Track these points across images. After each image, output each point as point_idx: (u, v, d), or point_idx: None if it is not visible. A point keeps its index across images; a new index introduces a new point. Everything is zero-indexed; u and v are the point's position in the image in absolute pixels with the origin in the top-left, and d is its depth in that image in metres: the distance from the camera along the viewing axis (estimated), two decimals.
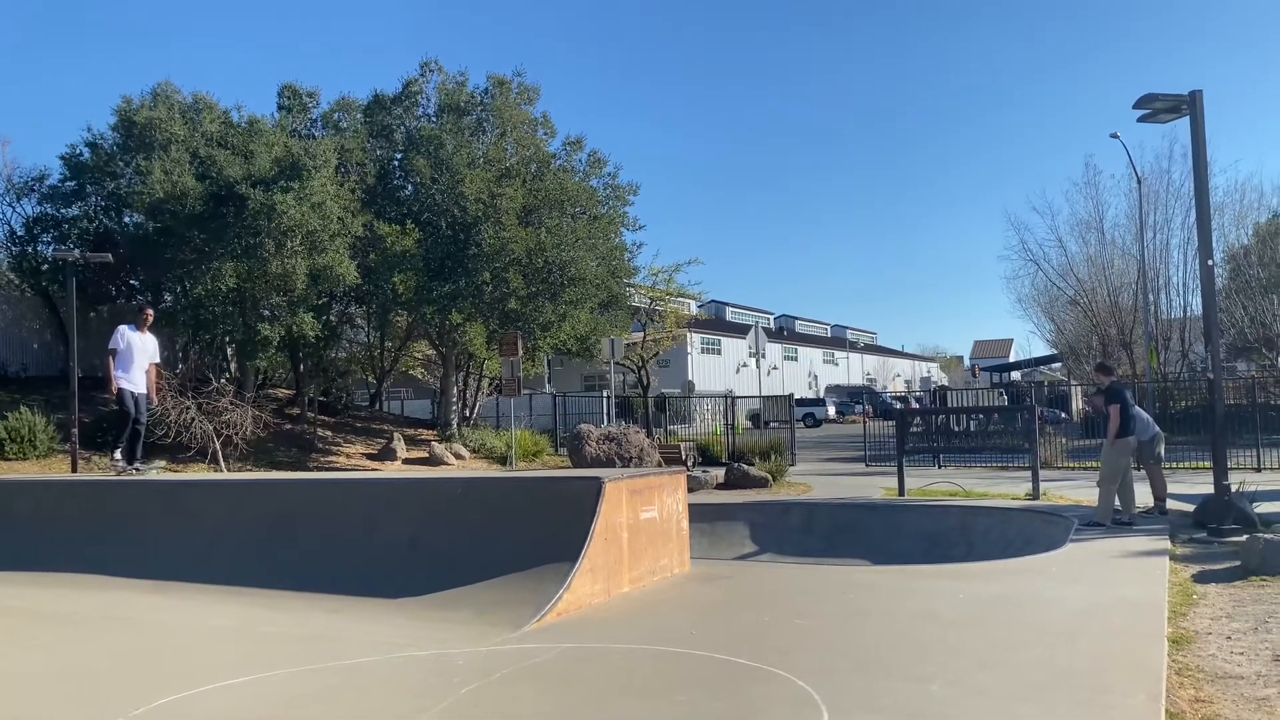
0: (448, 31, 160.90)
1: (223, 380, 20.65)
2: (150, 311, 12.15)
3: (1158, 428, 12.28)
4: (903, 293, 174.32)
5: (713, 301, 69.75)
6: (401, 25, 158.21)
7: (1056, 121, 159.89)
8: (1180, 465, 17.55)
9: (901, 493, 14.94)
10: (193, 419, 18.09)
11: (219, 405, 18.59)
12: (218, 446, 18.40)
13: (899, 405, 37.82)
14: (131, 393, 11.82)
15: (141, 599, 8.05)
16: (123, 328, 11.97)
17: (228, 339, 22.03)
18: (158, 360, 12.32)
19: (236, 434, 18.62)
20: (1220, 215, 35.04)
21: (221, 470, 18.24)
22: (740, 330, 57.17)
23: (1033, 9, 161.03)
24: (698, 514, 10.80)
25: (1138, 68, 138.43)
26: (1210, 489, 10.84)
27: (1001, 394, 34.63)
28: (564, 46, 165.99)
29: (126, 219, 22.70)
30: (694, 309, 48.50)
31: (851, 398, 61.29)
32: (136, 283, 23.56)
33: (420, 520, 8.46)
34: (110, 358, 11.82)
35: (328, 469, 20.68)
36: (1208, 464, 12.35)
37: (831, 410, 55.06)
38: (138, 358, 11.86)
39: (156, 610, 7.64)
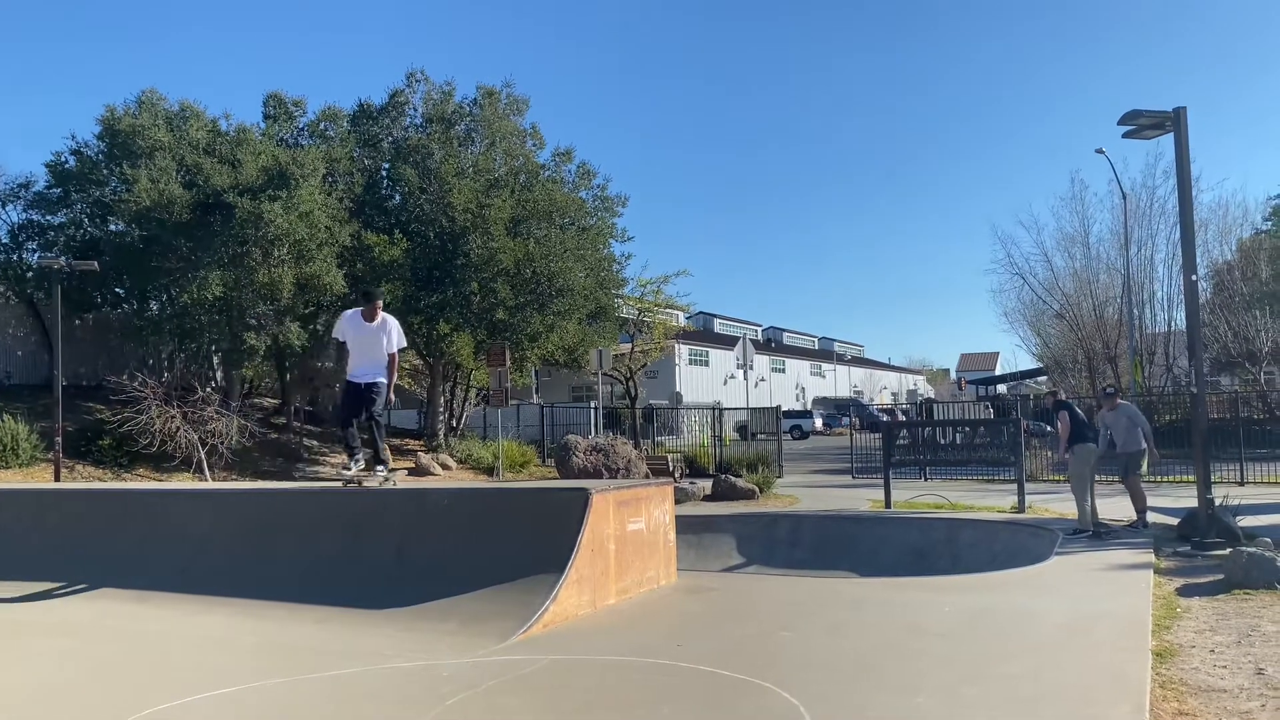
0: (434, 44, 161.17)
1: (208, 389, 20.56)
2: (378, 302, 9.61)
3: (1144, 444, 12.18)
4: (890, 306, 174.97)
5: (701, 313, 69.79)
6: (387, 35, 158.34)
7: (1043, 136, 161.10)
8: (1164, 479, 17.65)
9: (888, 505, 14.97)
10: (178, 428, 18.00)
11: (204, 414, 18.51)
12: (203, 456, 18.31)
13: (886, 418, 37.92)
14: (354, 384, 9.64)
15: (125, 609, 7.99)
16: (343, 316, 9.88)
17: (214, 348, 21.96)
18: (394, 349, 9.60)
19: (222, 443, 18.55)
20: (1204, 230, 35.28)
21: (206, 480, 18.15)
22: (728, 342, 57.20)
23: (1020, 20, 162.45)
24: (685, 525, 10.79)
25: (1126, 83, 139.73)
26: (1194, 502, 10.91)
27: (987, 407, 34.75)
28: (552, 57, 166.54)
29: (112, 226, 22.62)
30: (682, 320, 48.57)
31: (839, 410, 61.39)
32: (122, 290, 23.48)
33: (406, 531, 8.43)
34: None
35: (313, 479, 20.61)
36: (1192, 478, 12.41)
37: (819, 422, 55.08)
38: (362, 348, 9.55)
39: (141, 620, 7.59)
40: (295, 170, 20.28)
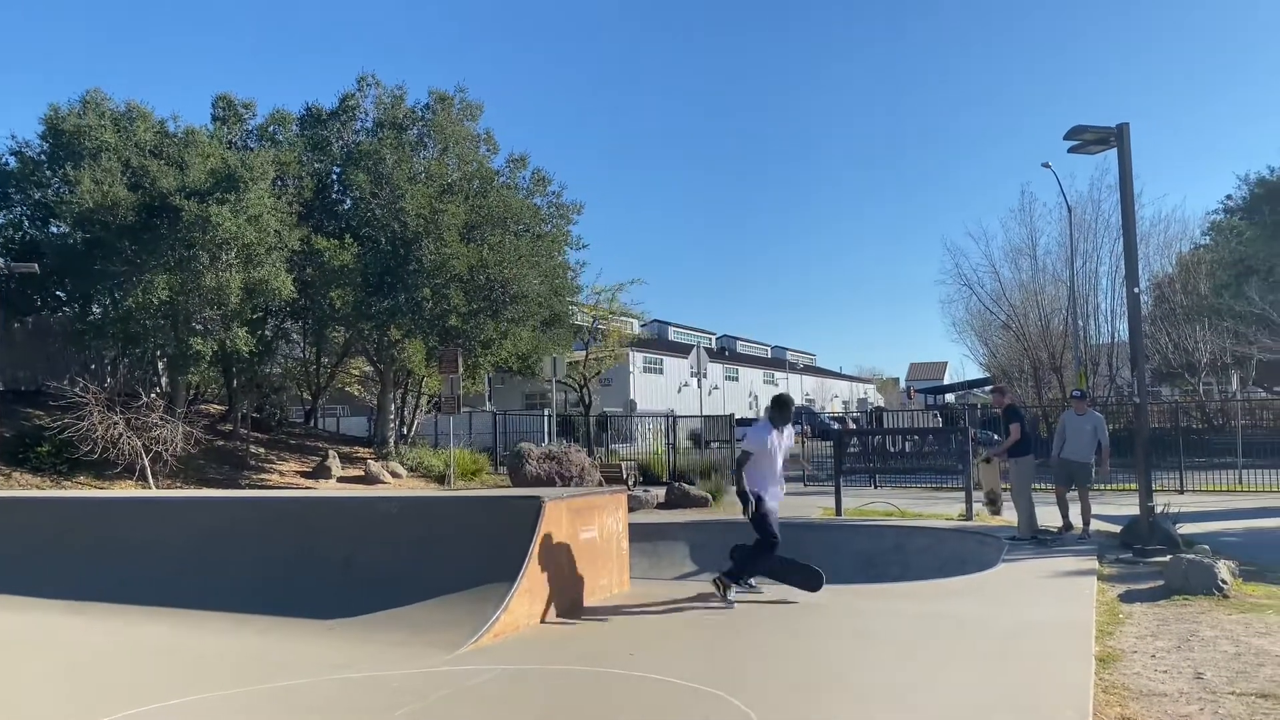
0: (388, 55, 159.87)
1: (153, 395, 20.13)
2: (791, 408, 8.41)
3: (1092, 457, 12.25)
4: (841, 315, 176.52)
5: (655, 321, 69.95)
6: (340, 40, 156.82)
7: (994, 150, 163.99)
8: (1108, 487, 17.98)
9: (839, 512, 15.09)
10: (120, 434, 17.62)
11: (148, 421, 18.14)
12: (146, 463, 17.93)
13: (837, 426, 38.25)
14: (775, 512, 8.40)
15: (63, 620, 7.79)
16: (767, 426, 8.46)
17: (159, 353, 21.52)
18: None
19: (166, 450, 18.18)
20: (1146, 244, 36.18)
21: (150, 487, 17.78)
22: (682, 350, 57.33)
23: (973, 35, 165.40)
24: (638, 533, 10.78)
25: (1077, 98, 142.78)
26: (1136, 510, 11.13)
27: (936, 415, 35.22)
28: (508, 67, 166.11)
29: (54, 228, 22.11)
30: (636, 328, 48.55)
31: (791, 418, 61.71)
32: (63, 294, 22.94)
33: (355, 540, 8.32)
34: (743, 464, 8.40)
35: (260, 487, 20.27)
36: (1134, 486, 12.65)
37: None
38: (778, 460, 8.45)
39: (79, 632, 7.41)
40: (244, 173, 19.96)
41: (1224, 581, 8.13)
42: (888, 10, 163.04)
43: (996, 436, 12.81)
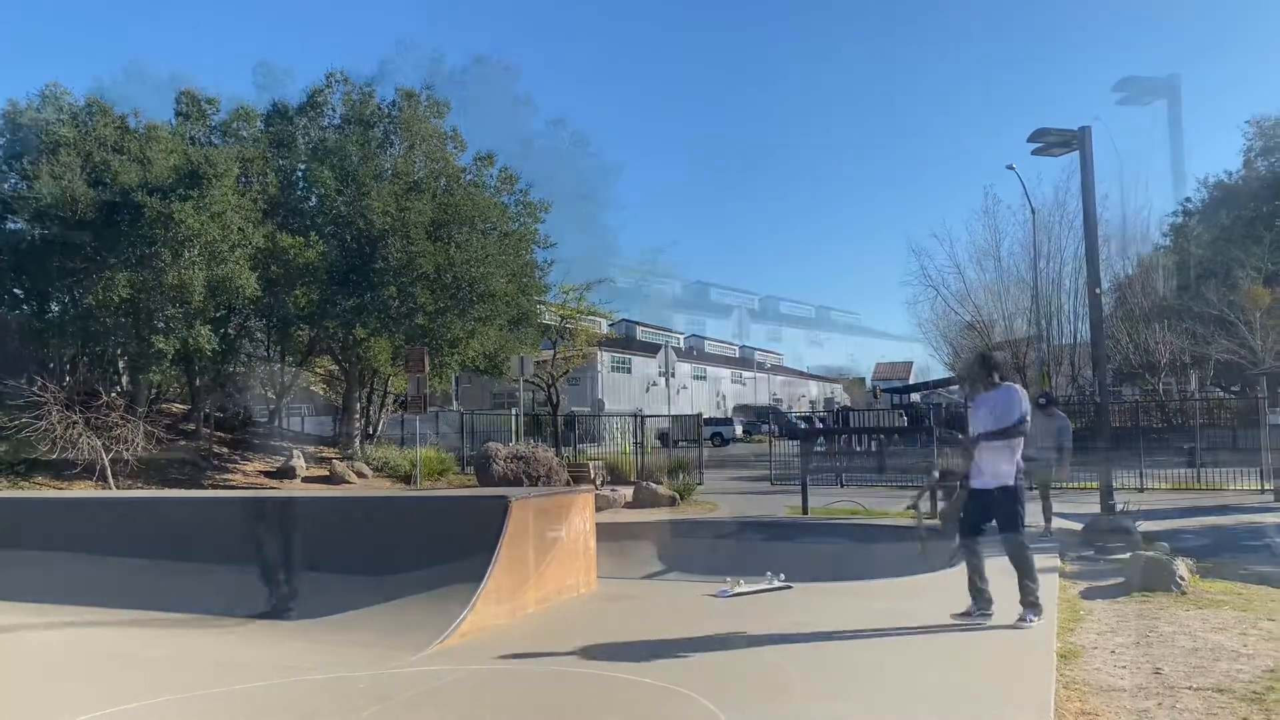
0: (356, 49, 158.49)
1: (113, 394, 19.83)
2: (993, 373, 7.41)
3: (1054, 456, 12.40)
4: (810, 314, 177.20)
5: (623, 320, 69.93)
6: (303, 35, 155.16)
7: (960, 151, 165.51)
8: (1069, 485, 18.22)
9: (805, 511, 15.17)
10: (80, 434, 17.34)
11: (109, 420, 17.87)
12: (106, 463, 17.66)
13: (804, 425, 38.45)
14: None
15: (23, 623, 7.65)
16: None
17: (119, 351, 21.19)
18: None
19: (127, 450, 17.91)
20: (1107, 246, 36.73)
21: (110, 488, 17.51)
22: (650, 349, 57.31)
23: (942, 36, 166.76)
24: (605, 533, 10.76)
25: (1041, 102, 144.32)
26: (1097, 509, 11.28)
27: (901, 415, 35.51)
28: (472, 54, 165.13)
29: (11, 225, 21.70)
30: (605, 328, 48.54)
31: (758, 417, 61.99)
32: (20, 291, 22.52)
33: (319, 540, 8.26)
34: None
35: (223, 487, 20.05)
36: (1095, 484, 12.83)
37: (739, 429, 55.42)
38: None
39: (34, 634, 7.28)
40: (208, 170, 19.70)
41: (1182, 578, 8.27)
42: (858, 12, 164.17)
43: (961, 436, 12.89)
